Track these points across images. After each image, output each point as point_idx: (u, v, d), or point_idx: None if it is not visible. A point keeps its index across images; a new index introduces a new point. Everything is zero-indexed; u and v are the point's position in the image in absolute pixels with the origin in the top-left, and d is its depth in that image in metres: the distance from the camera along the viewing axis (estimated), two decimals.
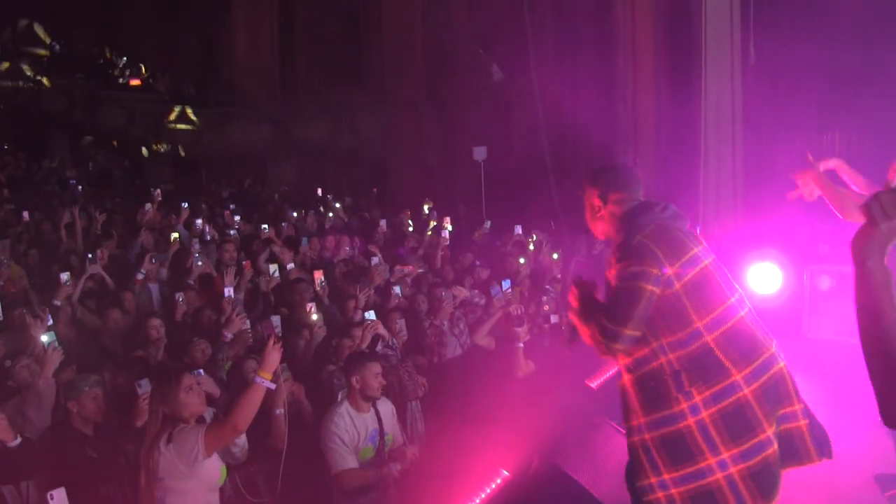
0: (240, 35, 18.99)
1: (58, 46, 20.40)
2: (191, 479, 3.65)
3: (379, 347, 5.45)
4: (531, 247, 9.63)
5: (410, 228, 10.79)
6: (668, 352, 2.92)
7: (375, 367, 4.64)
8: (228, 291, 6.65)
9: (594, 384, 5.55)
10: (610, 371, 5.80)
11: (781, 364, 2.98)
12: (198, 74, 19.99)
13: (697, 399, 2.85)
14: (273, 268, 7.69)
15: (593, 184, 3.25)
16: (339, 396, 4.88)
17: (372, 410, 4.64)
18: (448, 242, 9.11)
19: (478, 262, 8.78)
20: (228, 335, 5.73)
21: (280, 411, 4.39)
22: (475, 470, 4.11)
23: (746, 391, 2.85)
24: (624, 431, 3.70)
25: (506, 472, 4.11)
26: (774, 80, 11.08)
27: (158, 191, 11.29)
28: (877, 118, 8.74)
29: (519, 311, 5.99)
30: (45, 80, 18.97)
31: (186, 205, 10.31)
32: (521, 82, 13.94)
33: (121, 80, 19.95)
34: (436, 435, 5.16)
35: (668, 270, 2.90)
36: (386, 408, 4.75)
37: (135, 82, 19.83)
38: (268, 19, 18.76)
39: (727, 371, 2.87)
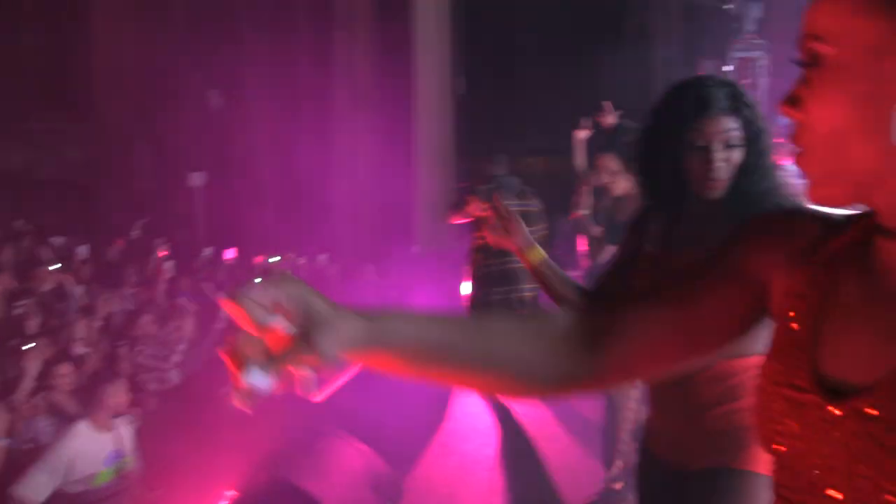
0: None
1: None
2: None
3: None
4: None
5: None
6: None
7: (123, 398, 4.49)
8: None
9: (318, 398, 5.60)
10: (335, 384, 5.89)
11: None
12: None
13: None
14: None
15: None
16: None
17: (112, 431, 4.43)
18: (170, 275, 8.79)
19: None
20: None
21: None
22: (201, 493, 3.99)
23: None
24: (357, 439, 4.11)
25: (232, 493, 4.03)
26: None
27: None
28: None
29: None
30: None
31: None
32: (240, 108, 13.80)
33: None
34: (158, 458, 4.94)
35: None
36: (124, 430, 4.53)
37: None
38: None
39: None
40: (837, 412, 0.86)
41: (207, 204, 12.72)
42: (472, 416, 6.00)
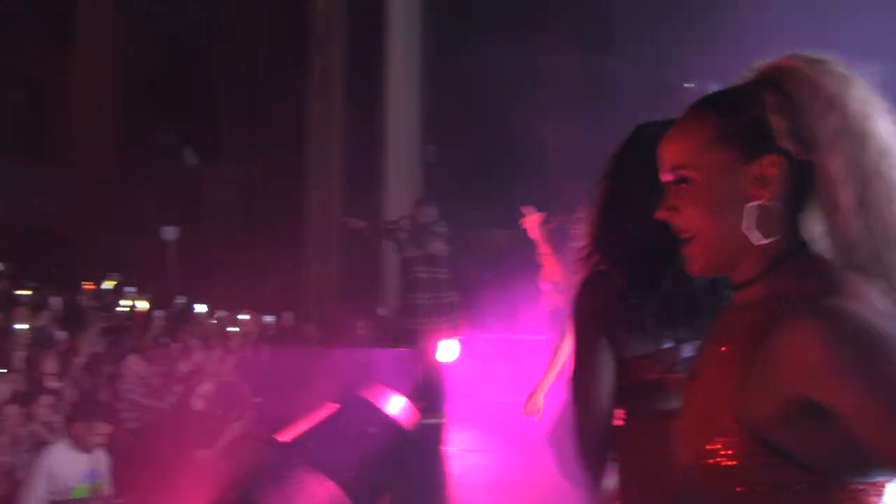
0: None
1: None
2: None
3: None
4: None
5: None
6: None
7: (102, 427, 4.93)
8: None
9: (285, 438, 5.84)
10: (302, 426, 6.12)
11: None
12: None
13: None
14: None
15: None
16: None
17: (90, 453, 4.88)
18: (155, 321, 9.12)
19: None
20: None
21: None
22: None
23: None
24: (323, 475, 4.33)
25: None
26: None
27: None
28: None
29: None
30: None
31: None
32: (214, 166, 14.25)
33: None
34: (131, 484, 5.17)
35: None
36: (101, 456, 4.97)
37: None
38: None
39: None
40: None
41: (180, 257, 12.98)
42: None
